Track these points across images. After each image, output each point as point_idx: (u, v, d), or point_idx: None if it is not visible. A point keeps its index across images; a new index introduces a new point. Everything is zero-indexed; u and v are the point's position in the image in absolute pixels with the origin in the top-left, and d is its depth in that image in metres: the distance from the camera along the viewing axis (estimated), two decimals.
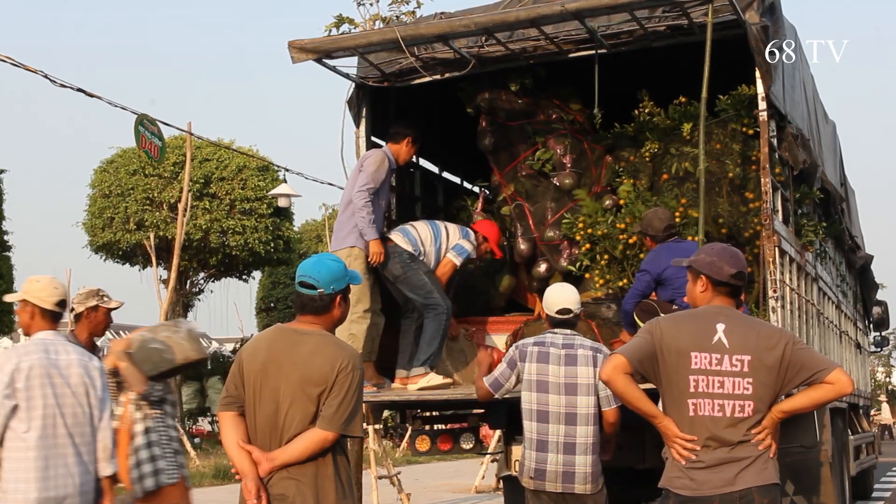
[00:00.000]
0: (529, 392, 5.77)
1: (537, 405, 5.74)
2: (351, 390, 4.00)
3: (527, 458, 5.76)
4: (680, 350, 3.98)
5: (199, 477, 17.07)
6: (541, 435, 5.71)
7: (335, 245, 7.46)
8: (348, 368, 4.00)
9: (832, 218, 9.74)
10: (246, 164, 28.57)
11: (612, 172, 8.33)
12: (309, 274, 4.07)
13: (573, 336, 5.83)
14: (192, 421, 34.30)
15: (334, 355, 4.02)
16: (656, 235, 7.12)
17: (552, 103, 8.47)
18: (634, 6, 6.86)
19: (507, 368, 5.91)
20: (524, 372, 5.80)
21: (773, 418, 3.98)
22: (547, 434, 5.69)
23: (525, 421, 5.80)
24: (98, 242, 28.40)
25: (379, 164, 7.53)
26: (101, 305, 5.88)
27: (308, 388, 4.00)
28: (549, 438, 5.70)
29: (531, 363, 5.78)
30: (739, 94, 7.67)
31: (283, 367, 4.04)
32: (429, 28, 7.41)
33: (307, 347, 4.05)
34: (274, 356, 4.07)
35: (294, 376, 4.01)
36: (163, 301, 18.08)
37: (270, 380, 4.05)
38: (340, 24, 7.73)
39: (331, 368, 3.99)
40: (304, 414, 4.01)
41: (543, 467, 5.69)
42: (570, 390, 5.71)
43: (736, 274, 4.08)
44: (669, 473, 4.04)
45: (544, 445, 5.70)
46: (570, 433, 5.68)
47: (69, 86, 11.99)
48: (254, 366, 4.09)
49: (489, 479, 14.74)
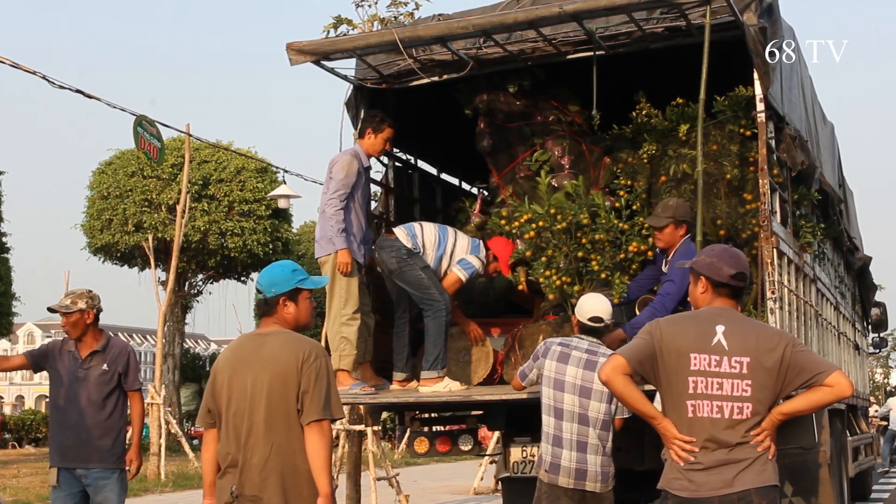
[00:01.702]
0: (547, 388, 6.05)
1: (554, 402, 6.01)
2: (321, 377, 4.15)
3: (544, 452, 6.04)
4: (679, 351, 3.98)
5: (197, 479, 17.07)
6: (556, 430, 5.98)
7: (319, 252, 7.41)
8: (311, 358, 4.15)
9: (830, 219, 9.74)
10: (245, 166, 28.60)
11: (610, 174, 8.32)
12: (258, 280, 4.35)
13: (598, 344, 6.11)
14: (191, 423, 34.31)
15: (296, 348, 4.18)
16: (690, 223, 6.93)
17: (550, 105, 8.47)
18: (632, 8, 6.85)
19: (531, 361, 6.25)
20: (544, 368, 6.08)
21: (772, 420, 3.97)
22: (562, 431, 5.97)
23: (543, 415, 6.06)
24: (97, 244, 28.41)
25: (347, 168, 7.36)
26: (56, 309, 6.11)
27: (276, 384, 4.12)
28: (563, 435, 5.97)
29: (552, 360, 6.06)
30: (737, 95, 7.66)
31: (251, 368, 4.18)
32: (427, 30, 7.41)
33: (271, 346, 4.21)
34: (242, 359, 4.24)
35: (262, 375, 4.14)
36: (161, 303, 18.09)
37: (239, 381, 4.19)
38: (339, 25, 7.73)
39: (295, 361, 4.13)
40: (272, 410, 4.11)
41: (558, 462, 5.95)
42: (584, 393, 5.96)
43: (736, 275, 4.08)
44: (668, 475, 4.04)
45: (559, 441, 5.97)
46: (583, 433, 5.94)
47: (68, 87, 12.00)
48: (225, 372, 4.25)
49: (488, 481, 14.75)
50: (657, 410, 4.04)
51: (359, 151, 7.58)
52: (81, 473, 6.11)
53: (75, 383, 6.13)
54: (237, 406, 4.16)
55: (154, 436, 17.33)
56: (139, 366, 6.48)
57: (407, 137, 8.77)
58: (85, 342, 6.17)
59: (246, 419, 4.13)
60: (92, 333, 6.20)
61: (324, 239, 7.36)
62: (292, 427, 4.12)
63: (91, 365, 6.15)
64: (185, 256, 27.37)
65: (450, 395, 7.25)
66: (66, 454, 6.13)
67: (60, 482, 6.15)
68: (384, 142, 7.67)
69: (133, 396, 6.32)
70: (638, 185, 8.06)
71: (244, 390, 4.15)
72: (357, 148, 7.63)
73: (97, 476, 6.10)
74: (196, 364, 33.91)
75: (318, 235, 7.47)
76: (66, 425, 6.13)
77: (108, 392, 6.15)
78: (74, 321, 6.11)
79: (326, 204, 7.36)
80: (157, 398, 17.13)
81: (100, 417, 6.12)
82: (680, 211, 7.05)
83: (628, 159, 8.21)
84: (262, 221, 28.87)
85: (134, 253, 28.16)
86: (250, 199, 28.51)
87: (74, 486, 6.14)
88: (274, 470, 4.08)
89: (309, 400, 4.11)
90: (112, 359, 6.20)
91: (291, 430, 4.12)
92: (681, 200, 7.19)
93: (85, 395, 6.12)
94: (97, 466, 6.10)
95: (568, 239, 7.26)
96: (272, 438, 4.10)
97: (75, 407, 6.11)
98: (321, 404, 4.11)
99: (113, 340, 6.32)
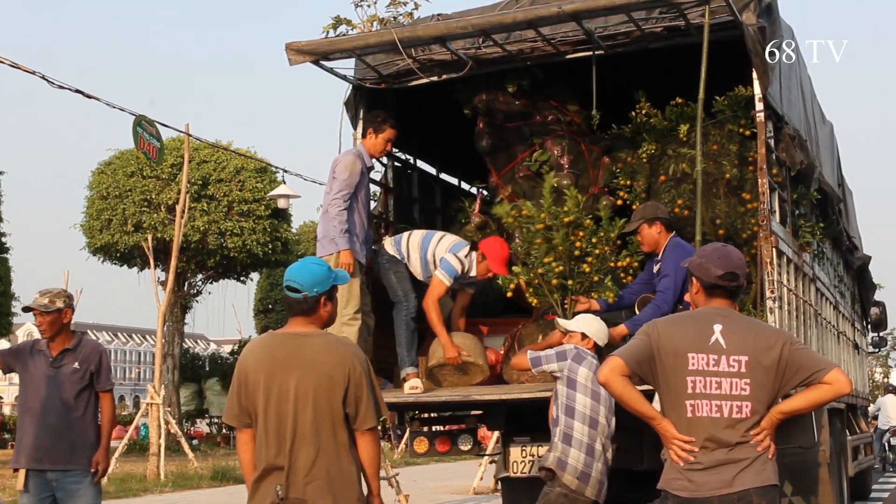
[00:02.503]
0: (562, 387, 6.14)
1: (566, 399, 6.09)
2: (371, 383, 4.18)
3: (553, 447, 6.11)
4: (677, 351, 3.97)
5: (197, 479, 17.08)
6: (567, 429, 6.05)
7: (321, 251, 7.42)
8: (359, 364, 4.15)
9: (830, 219, 9.74)
10: (244, 166, 28.57)
11: (609, 174, 8.33)
12: (293, 278, 4.21)
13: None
14: (191, 423, 34.31)
15: (342, 352, 4.15)
16: (670, 221, 7.18)
17: (549, 105, 8.47)
18: (631, 7, 6.86)
19: (555, 354, 6.25)
20: (565, 368, 6.15)
21: (771, 419, 3.97)
22: (573, 430, 6.03)
23: (560, 414, 6.12)
24: (96, 244, 28.39)
25: (351, 168, 7.37)
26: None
27: (322, 388, 4.07)
28: (573, 434, 6.03)
29: (571, 361, 6.16)
30: (736, 94, 7.67)
31: (293, 370, 4.09)
32: (426, 30, 7.41)
33: (315, 348, 4.13)
34: (280, 361, 4.13)
35: (306, 378, 4.08)
36: (161, 303, 18.08)
37: (280, 383, 4.09)
38: (338, 25, 7.74)
39: (342, 366, 4.10)
40: (318, 413, 4.06)
41: (566, 460, 6.00)
42: (594, 396, 6.05)
43: (724, 275, 4.03)
44: (668, 475, 4.03)
45: (569, 440, 6.02)
46: (592, 436, 6.02)
47: (67, 87, 11.99)
48: (259, 373, 4.13)
49: (487, 481, 14.74)
50: (656, 411, 4.03)
51: (362, 151, 7.60)
52: (52, 477, 5.95)
53: (46, 382, 6.00)
54: (278, 409, 4.08)
55: (153, 436, 17.31)
56: (111, 366, 6.36)
57: (406, 137, 8.77)
58: (57, 341, 6.07)
59: (290, 422, 4.06)
60: (65, 333, 6.11)
61: (326, 238, 7.38)
62: (337, 430, 4.09)
63: (63, 363, 6.04)
64: (185, 256, 27.36)
65: (416, 397, 7.29)
66: (35, 455, 5.96)
67: (29, 486, 5.97)
68: (385, 142, 7.65)
69: (104, 397, 6.17)
70: (637, 184, 8.07)
71: (286, 393, 4.07)
72: (360, 148, 7.64)
73: (69, 481, 5.95)
74: (195, 364, 33.88)
75: (321, 235, 7.49)
76: (36, 425, 5.97)
77: (79, 391, 6.02)
78: (52, 320, 6.03)
79: (330, 204, 7.38)
80: (157, 398, 17.11)
81: (71, 416, 5.99)
82: (648, 210, 7.18)
83: (627, 159, 8.22)
84: (262, 221, 28.84)
85: (133, 253, 28.13)
86: (250, 199, 28.49)
87: (44, 490, 5.97)
88: (320, 473, 4.05)
89: (364, 407, 4.12)
90: (84, 357, 6.08)
91: (336, 434, 4.09)
92: (649, 202, 7.31)
93: (56, 393, 5.99)
94: (69, 468, 5.95)
95: (566, 237, 7.24)
96: (318, 442, 4.06)
97: (46, 406, 5.97)
98: (375, 411, 4.15)
99: (85, 339, 6.20)
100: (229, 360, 33.44)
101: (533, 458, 7.44)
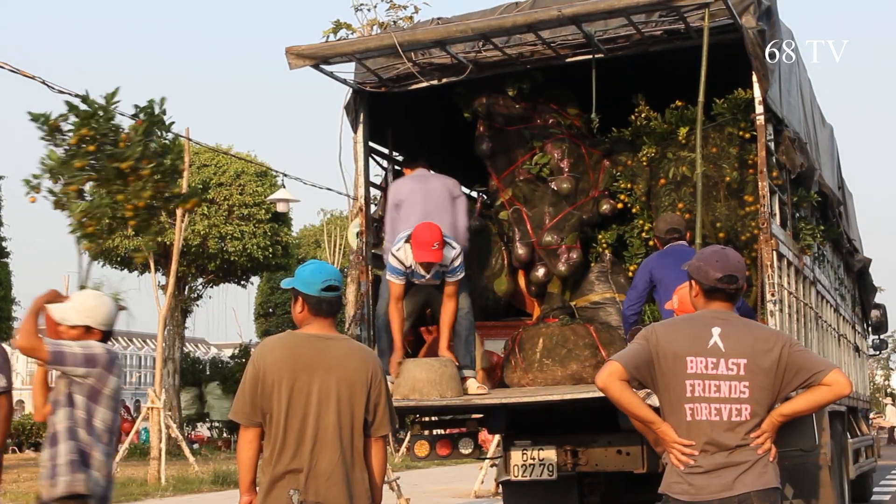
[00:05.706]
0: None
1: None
2: (388, 391, 4.25)
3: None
4: (676, 355, 3.96)
5: (197, 483, 17.07)
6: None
7: None
8: (379, 371, 4.21)
9: (830, 221, 9.75)
10: (244, 170, 28.59)
11: (609, 177, 8.34)
12: (334, 277, 4.21)
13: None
14: (191, 427, 34.29)
15: (364, 358, 4.20)
16: (660, 237, 7.21)
17: (549, 108, 8.48)
18: (631, 11, 6.86)
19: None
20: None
21: (772, 422, 3.96)
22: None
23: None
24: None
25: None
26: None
27: (343, 391, 4.09)
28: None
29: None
30: (736, 97, 7.68)
31: (315, 372, 4.08)
32: (426, 33, 7.41)
33: (337, 352, 4.14)
34: (302, 362, 4.10)
35: (329, 380, 4.08)
36: (161, 307, 18.07)
37: (302, 385, 4.07)
38: (338, 29, 7.77)
39: (364, 371, 4.14)
40: (340, 415, 4.07)
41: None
42: None
43: (722, 278, 4.01)
44: (668, 479, 4.03)
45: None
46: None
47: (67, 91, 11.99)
48: (279, 374, 4.08)
49: (488, 484, 14.72)
50: (656, 415, 4.03)
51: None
52: None
53: None
54: (299, 411, 4.05)
55: (154, 440, 17.31)
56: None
57: (406, 141, 8.78)
58: None
59: (311, 424, 4.04)
60: None
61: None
62: (356, 435, 4.11)
63: None
64: (185, 260, 27.36)
65: (417, 402, 7.22)
66: None
67: None
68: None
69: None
70: (637, 188, 8.08)
71: (308, 395, 4.05)
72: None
73: None
74: (196, 368, 33.82)
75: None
76: None
77: None
78: None
79: (466, 237, 7.73)
80: (158, 402, 17.11)
81: None
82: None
83: (627, 162, 8.23)
84: (262, 225, 28.86)
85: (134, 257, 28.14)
86: (250, 203, 28.51)
87: None
88: (340, 477, 4.05)
89: (381, 414, 4.16)
90: None
91: (354, 439, 4.10)
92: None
93: None
94: None
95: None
96: (339, 445, 4.06)
97: None
98: (390, 418, 4.21)
99: None
100: (230, 364, 33.38)
101: (534, 461, 7.43)
